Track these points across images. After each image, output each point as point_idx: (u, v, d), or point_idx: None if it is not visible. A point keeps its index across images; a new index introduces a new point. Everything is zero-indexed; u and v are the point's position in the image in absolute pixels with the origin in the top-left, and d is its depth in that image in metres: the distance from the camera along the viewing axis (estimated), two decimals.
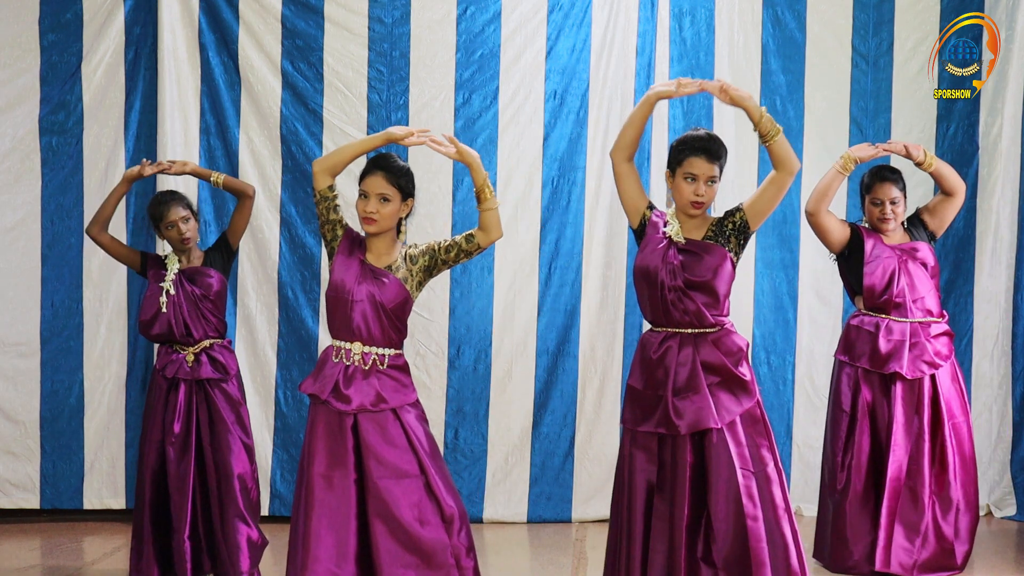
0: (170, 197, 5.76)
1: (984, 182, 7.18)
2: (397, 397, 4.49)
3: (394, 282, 4.50)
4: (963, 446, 5.85)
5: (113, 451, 7.03)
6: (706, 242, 4.62)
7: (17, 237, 6.99)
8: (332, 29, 7.02)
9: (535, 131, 7.08)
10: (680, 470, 4.54)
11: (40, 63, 6.96)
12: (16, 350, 6.97)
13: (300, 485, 4.48)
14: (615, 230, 7.07)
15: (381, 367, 4.50)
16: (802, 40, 7.19)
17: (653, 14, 7.06)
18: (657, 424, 4.58)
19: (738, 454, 4.52)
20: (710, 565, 4.52)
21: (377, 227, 4.52)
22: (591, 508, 7.10)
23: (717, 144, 4.62)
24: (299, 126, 7.02)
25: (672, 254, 4.62)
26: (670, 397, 4.56)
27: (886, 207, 5.86)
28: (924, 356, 5.79)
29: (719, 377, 4.58)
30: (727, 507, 4.49)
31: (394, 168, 4.53)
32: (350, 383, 4.45)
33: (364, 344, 4.49)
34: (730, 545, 4.48)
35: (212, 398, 5.65)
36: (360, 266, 4.52)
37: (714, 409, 4.52)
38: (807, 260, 7.13)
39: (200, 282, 5.70)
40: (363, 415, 4.45)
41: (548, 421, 7.11)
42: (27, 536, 6.77)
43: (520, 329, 7.09)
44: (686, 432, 4.53)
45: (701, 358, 4.58)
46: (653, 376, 4.63)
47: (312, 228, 7.04)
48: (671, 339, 4.64)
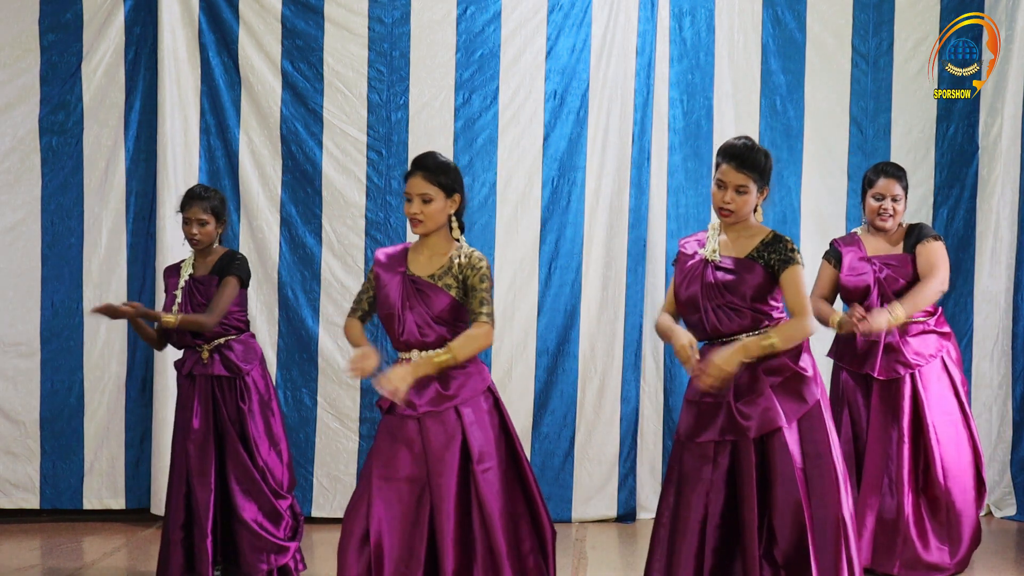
0: (199, 193, 5.67)
1: (984, 182, 7.18)
2: (462, 393, 4.45)
3: (439, 293, 4.45)
4: (951, 445, 5.81)
5: (113, 451, 7.03)
6: (746, 260, 4.55)
7: (17, 237, 6.99)
8: (332, 29, 7.01)
9: (535, 131, 7.08)
10: (746, 474, 4.48)
11: (40, 63, 6.96)
12: (16, 350, 6.97)
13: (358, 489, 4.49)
14: (615, 230, 7.07)
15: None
16: (802, 40, 7.19)
17: (653, 14, 7.06)
18: (722, 431, 4.52)
19: (796, 452, 4.48)
20: (772, 564, 4.50)
21: (424, 227, 4.48)
22: (591, 508, 7.10)
23: (753, 153, 4.52)
24: (299, 126, 7.02)
25: (709, 273, 4.57)
26: (733, 402, 4.53)
27: (887, 203, 5.86)
28: (899, 357, 5.77)
29: (780, 376, 4.52)
30: (787, 507, 4.45)
31: (431, 166, 4.48)
32: (412, 388, 4.42)
33: (420, 350, 4.46)
34: (790, 545, 4.45)
35: (231, 393, 5.61)
36: (402, 282, 4.49)
37: (780, 409, 4.49)
38: (807, 260, 7.04)
39: (206, 291, 5.64)
40: (427, 417, 4.43)
41: (548, 421, 7.11)
42: (27, 536, 6.77)
43: (520, 329, 7.08)
44: (756, 435, 4.48)
45: (761, 361, 4.52)
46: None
47: (312, 228, 7.04)
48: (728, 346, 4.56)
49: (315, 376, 7.03)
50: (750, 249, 4.57)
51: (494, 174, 7.07)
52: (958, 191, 7.23)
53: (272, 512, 5.64)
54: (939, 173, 7.25)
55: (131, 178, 7.03)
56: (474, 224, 7.02)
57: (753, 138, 4.68)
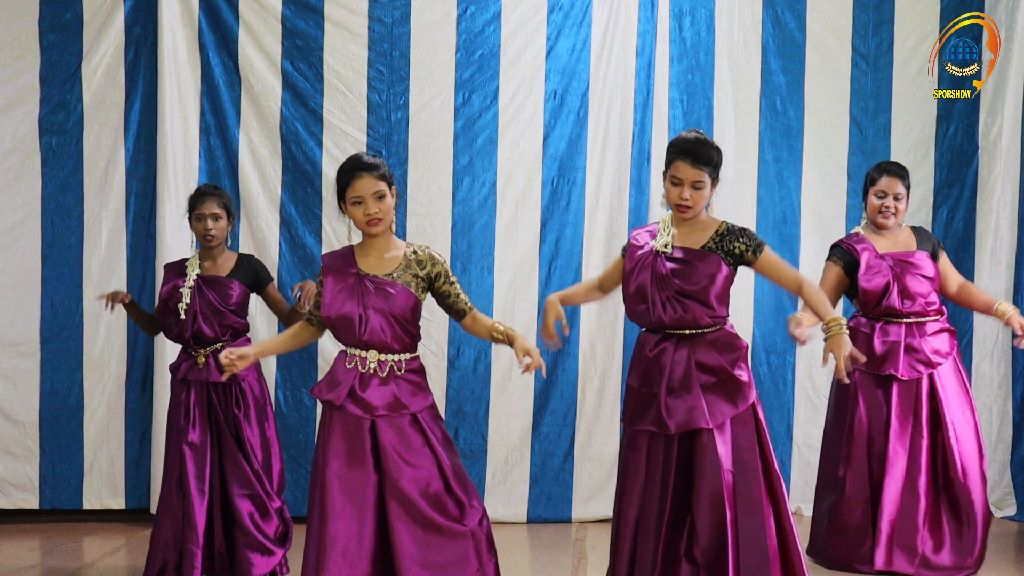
0: (211, 191, 5.71)
1: (984, 182, 7.18)
2: (416, 402, 4.48)
3: (401, 290, 4.46)
4: (965, 443, 5.83)
5: (112, 451, 7.03)
6: (701, 251, 4.61)
7: (17, 237, 6.99)
8: (332, 29, 7.02)
9: (535, 131, 7.08)
10: (667, 468, 4.56)
11: (40, 63, 6.96)
12: (16, 350, 6.96)
13: (314, 487, 4.46)
14: (615, 230, 7.07)
15: (399, 372, 4.48)
16: (802, 40, 7.19)
17: (653, 14, 7.06)
18: (651, 422, 4.60)
19: (724, 455, 4.52)
20: (692, 563, 4.53)
21: (383, 224, 4.49)
22: (591, 508, 7.10)
23: (705, 148, 4.58)
24: (299, 126, 7.02)
25: (660, 263, 4.63)
26: (663, 396, 4.57)
27: (889, 200, 5.87)
28: (920, 356, 5.80)
29: (715, 378, 4.58)
30: (709, 507, 4.50)
31: (376, 163, 4.50)
32: (366, 387, 4.43)
33: (380, 352, 4.46)
34: (710, 544, 4.50)
35: (226, 398, 5.62)
36: (356, 283, 4.48)
37: (706, 410, 4.53)
38: (807, 260, 7.12)
39: (220, 291, 5.65)
40: (381, 419, 4.43)
41: (548, 421, 7.11)
42: (26, 536, 6.76)
43: (520, 329, 7.07)
44: (675, 431, 4.55)
45: (697, 358, 4.59)
46: (648, 374, 4.66)
47: (312, 228, 7.04)
48: (668, 339, 4.66)
49: (315, 376, 7.03)
50: (704, 240, 4.63)
51: (494, 174, 7.07)
52: (958, 191, 7.24)
53: (266, 513, 5.65)
54: (939, 173, 7.26)
55: (131, 178, 7.03)
56: (474, 224, 7.03)
57: (704, 132, 4.77)
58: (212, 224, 5.63)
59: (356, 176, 4.45)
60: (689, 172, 4.57)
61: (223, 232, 5.68)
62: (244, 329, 5.77)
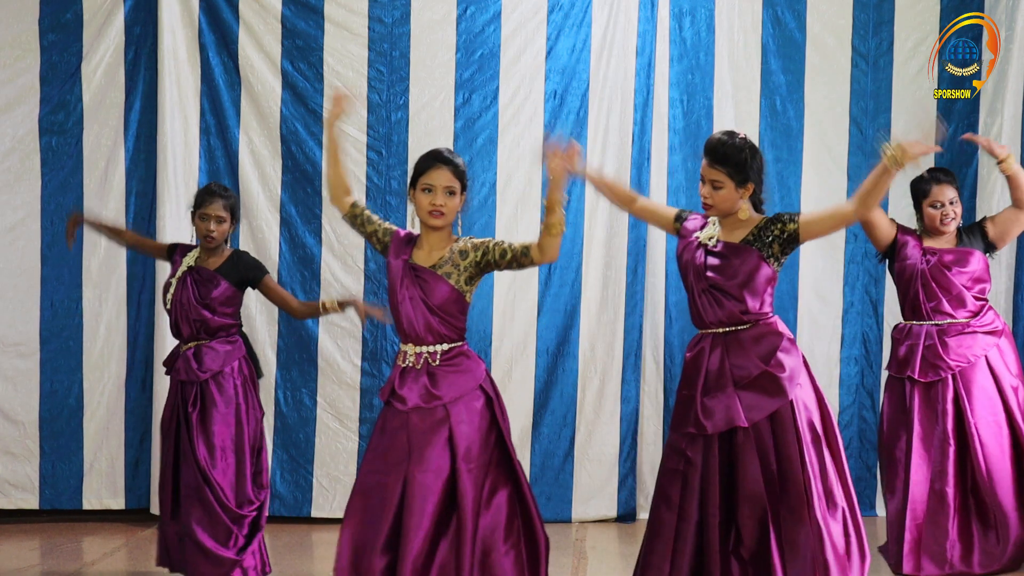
0: (220, 191, 5.67)
1: (984, 182, 7.18)
2: (450, 392, 4.44)
3: (439, 281, 4.47)
4: (995, 446, 5.72)
5: (112, 451, 7.03)
6: (740, 245, 4.60)
7: (17, 237, 6.99)
8: (332, 29, 7.02)
9: (535, 131, 7.08)
10: (708, 470, 4.53)
11: (40, 63, 6.96)
12: (16, 350, 6.96)
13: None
14: (615, 230, 7.07)
15: (434, 364, 4.47)
16: (802, 40, 7.19)
17: (653, 14, 7.06)
18: (691, 425, 4.59)
19: (763, 453, 4.49)
20: (740, 561, 4.52)
21: (444, 220, 4.51)
22: (591, 508, 7.09)
23: (723, 147, 4.58)
24: (299, 126, 7.02)
25: (700, 255, 4.65)
26: (699, 397, 4.56)
27: (947, 208, 5.82)
28: (938, 359, 5.75)
29: (750, 375, 4.55)
30: (750, 507, 4.49)
31: (458, 162, 4.55)
32: (404, 383, 4.46)
33: (415, 345, 4.48)
34: (754, 545, 4.48)
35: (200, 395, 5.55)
36: (403, 268, 4.51)
37: (740, 408, 4.51)
38: (807, 260, 7.12)
39: (203, 286, 5.61)
40: (415, 412, 4.42)
41: (548, 421, 7.10)
42: (26, 536, 6.76)
43: (520, 329, 7.08)
44: (712, 432, 4.53)
45: (731, 356, 4.58)
46: (687, 376, 4.68)
47: (312, 228, 7.04)
48: (704, 339, 4.67)
49: (315, 376, 7.03)
50: (744, 235, 4.63)
51: (494, 174, 7.07)
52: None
53: (222, 529, 5.49)
54: None
55: (131, 178, 7.03)
56: (474, 224, 7.02)
57: (741, 133, 4.69)
58: (215, 226, 5.59)
59: (434, 165, 4.51)
60: (707, 171, 4.61)
61: (224, 235, 5.64)
62: (222, 328, 5.61)
